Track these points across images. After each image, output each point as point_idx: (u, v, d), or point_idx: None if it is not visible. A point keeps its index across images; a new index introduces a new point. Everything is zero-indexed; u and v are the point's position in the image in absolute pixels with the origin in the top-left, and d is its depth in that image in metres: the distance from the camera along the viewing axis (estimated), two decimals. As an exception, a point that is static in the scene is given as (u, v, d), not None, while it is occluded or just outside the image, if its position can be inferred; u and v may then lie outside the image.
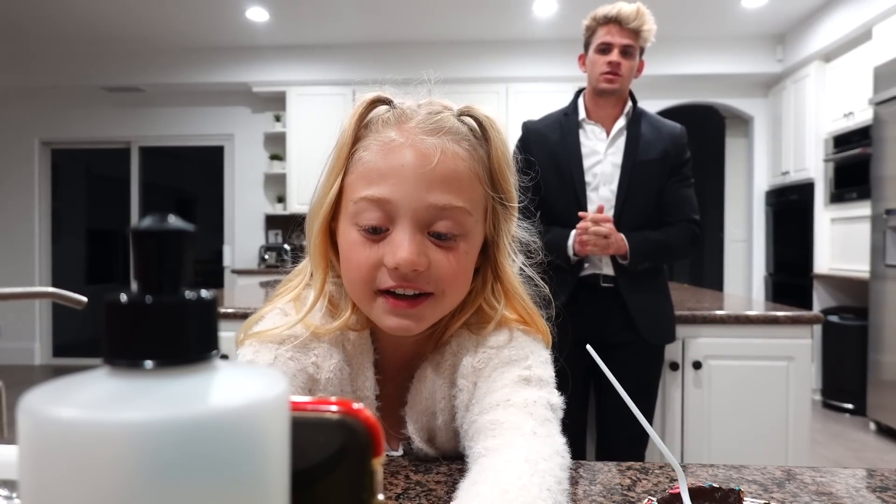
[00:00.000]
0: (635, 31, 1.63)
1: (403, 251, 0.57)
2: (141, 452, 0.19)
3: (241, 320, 1.93)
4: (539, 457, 0.51)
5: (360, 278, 0.60)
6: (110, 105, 5.41)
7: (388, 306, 0.60)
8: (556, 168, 1.70)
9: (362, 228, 0.59)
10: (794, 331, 1.86)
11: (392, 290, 0.59)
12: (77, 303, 0.77)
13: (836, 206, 4.16)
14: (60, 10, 4.29)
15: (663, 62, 4.74)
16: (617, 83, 1.64)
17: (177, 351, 0.22)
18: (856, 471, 0.66)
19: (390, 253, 0.58)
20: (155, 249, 0.23)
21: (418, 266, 0.57)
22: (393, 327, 0.60)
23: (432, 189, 0.58)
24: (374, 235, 0.59)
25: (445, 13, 4.33)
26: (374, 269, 0.59)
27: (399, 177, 0.57)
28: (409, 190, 0.57)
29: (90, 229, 6.07)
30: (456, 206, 0.58)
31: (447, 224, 0.59)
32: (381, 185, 0.58)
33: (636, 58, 1.67)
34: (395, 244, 0.57)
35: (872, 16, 3.65)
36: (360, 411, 0.29)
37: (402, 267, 0.57)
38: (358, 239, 0.59)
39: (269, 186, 5.32)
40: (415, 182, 0.57)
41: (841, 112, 4.06)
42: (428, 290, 0.60)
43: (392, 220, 0.58)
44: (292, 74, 4.97)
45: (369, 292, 0.60)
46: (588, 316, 1.68)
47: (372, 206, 0.58)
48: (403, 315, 0.60)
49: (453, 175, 0.59)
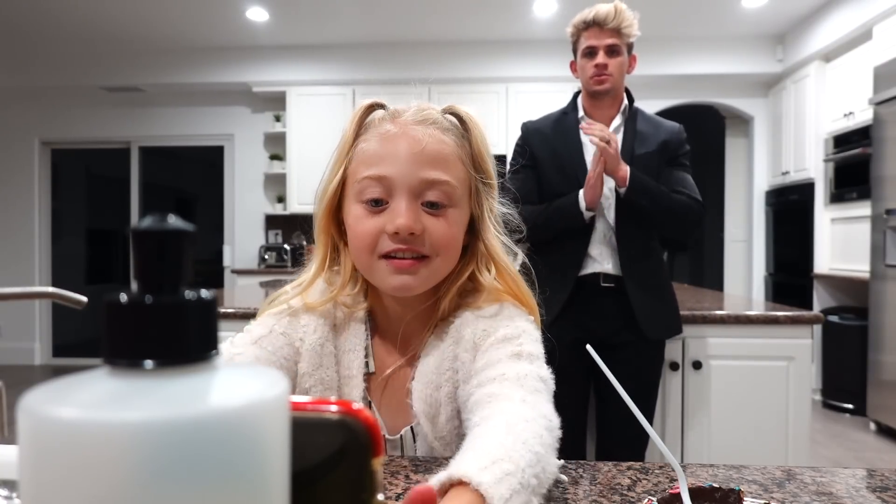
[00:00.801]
0: (616, 29, 1.64)
1: (401, 217, 0.66)
2: (141, 452, 0.19)
3: (241, 320, 1.93)
4: (522, 419, 0.55)
5: (365, 245, 0.69)
6: (110, 105, 5.41)
7: (390, 268, 0.68)
8: (559, 165, 1.71)
9: (365, 202, 0.69)
10: (794, 331, 1.86)
11: (392, 253, 0.68)
12: (77, 303, 0.77)
13: (836, 206, 4.16)
14: (60, 10, 4.29)
15: (663, 62, 4.74)
16: (608, 83, 1.65)
17: (177, 351, 0.22)
18: (856, 471, 0.66)
19: (390, 221, 0.67)
20: (155, 249, 0.23)
21: (414, 229, 0.67)
22: (395, 286, 0.69)
23: (423, 167, 0.68)
24: (376, 208, 0.69)
25: (445, 13, 4.33)
26: (376, 236, 0.68)
27: (395, 157, 0.68)
28: (404, 168, 0.68)
29: (90, 229, 6.07)
30: (443, 180, 0.69)
31: (437, 194, 0.69)
32: (380, 165, 0.68)
33: (624, 54, 1.67)
34: (395, 213, 0.67)
35: (872, 16, 3.65)
36: (360, 412, 0.29)
37: (401, 231, 0.66)
38: (362, 213, 0.69)
39: (269, 186, 5.32)
40: (408, 161, 0.68)
41: (841, 112, 4.06)
42: (424, 253, 0.69)
43: (390, 194, 0.68)
44: (292, 74, 4.97)
45: (373, 258, 0.69)
46: (588, 316, 1.68)
47: (373, 183, 0.68)
48: (404, 273, 0.68)
49: (440, 156, 0.69)
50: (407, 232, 0.66)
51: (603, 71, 1.64)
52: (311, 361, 0.72)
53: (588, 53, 1.67)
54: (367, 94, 4.89)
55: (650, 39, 4.70)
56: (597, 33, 1.64)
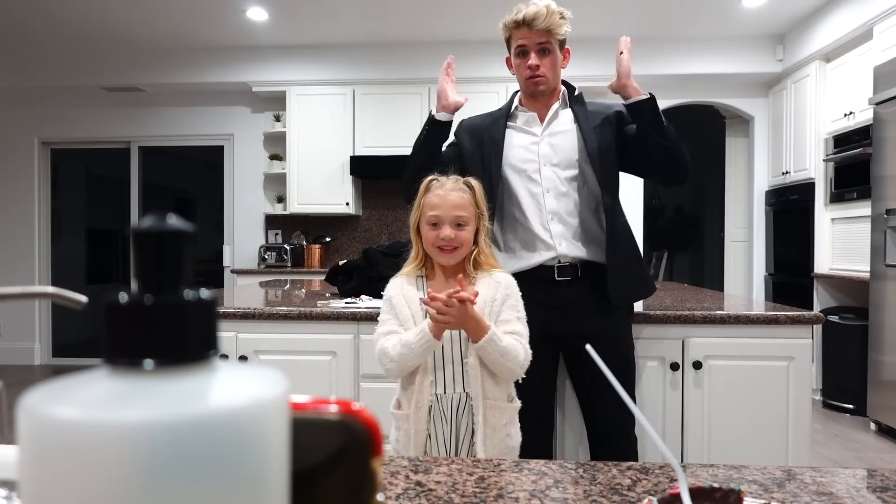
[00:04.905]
0: (547, 29, 1.64)
1: (446, 232, 1.36)
2: (141, 452, 0.19)
3: (241, 320, 1.94)
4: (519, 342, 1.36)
5: (431, 243, 1.38)
6: (110, 105, 5.41)
7: (442, 253, 1.38)
8: (480, 155, 1.74)
9: (430, 224, 1.38)
10: (794, 331, 1.85)
11: (442, 246, 1.37)
12: (77, 303, 0.77)
13: (837, 205, 4.16)
14: (61, 10, 4.29)
15: (663, 62, 4.74)
16: (542, 84, 1.69)
17: (176, 351, 0.22)
18: (856, 471, 0.66)
19: (442, 234, 1.37)
20: (155, 249, 0.23)
21: (451, 238, 1.37)
22: (444, 261, 1.40)
23: (455, 210, 1.37)
24: (435, 227, 1.38)
25: (445, 13, 4.33)
26: (436, 239, 1.37)
27: (443, 207, 1.38)
28: (447, 211, 1.37)
29: (90, 229, 6.06)
30: (464, 215, 1.38)
31: (462, 219, 1.38)
32: (436, 210, 1.38)
33: (556, 52, 1.69)
34: (444, 231, 1.37)
35: (872, 16, 3.65)
36: (360, 411, 0.29)
37: (446, 239, 1.37)
38: (429, 228, 1.38)
39: (269, 186, 5.32)
40: (449, 208, 1.37)
41: (841, 112, 4.06)
42: (455, 245, 1.37)
43: (441, 221, 1.37)
44: (292, 74, 4.97)
45: (434, 248, 1.39)
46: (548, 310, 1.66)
47: (434, 218, 1.38)
48: (448, 255, 1.38)
49: (463, 204, 1.39)
50: (448, 239, 1.37)
51: (536, 72, 1.67)
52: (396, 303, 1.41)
53: (520, 53, 1.70)
54: (367, 94, 4.92)
55: (650, 39, 4.70)
56: (527, 33, 1.66)
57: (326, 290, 2.67)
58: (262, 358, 1.96)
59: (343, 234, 5.28)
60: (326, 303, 2.09)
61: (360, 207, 5.24)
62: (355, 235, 5.28)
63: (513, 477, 0.65)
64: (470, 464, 0.68)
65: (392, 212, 5.24)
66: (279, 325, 1.95)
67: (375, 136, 4.87)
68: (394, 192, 5.20)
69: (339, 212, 4.96)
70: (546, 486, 0.62)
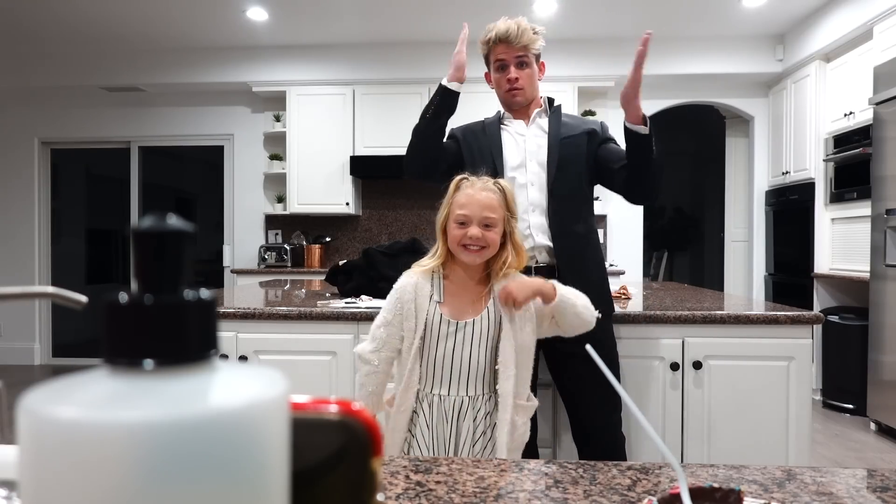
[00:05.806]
0: (524, 45, 1.76)
1: (474, 231, 1.36)
2: (141, 452, 0.19)
3: (241, 320, 1.94)
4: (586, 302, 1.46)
5: (457, 241, 1.38)
6: (110, 105, 5.41)
7: (468, 252, 1.38)
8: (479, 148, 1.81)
9: (458, 223, 1.38)
10: (794, 331, 1.86)
11: (469, 245, 1.37)
12: (77, 303, 0.77)
13: (837, 205, 4.16)
14: (61, 10, 4.29)
15: (663, 62, 4.74)
16: (521, 96, 1.80)
17: (176, 351, 0.22)
18: (856, 471, 0.66)
19: (469, 232, 1.37)
20: (155, 249, 0.23)
21: (479, 237, 1.37)
22: (469, 260, 1.39)
23: (484, 210, 1.37)
24: (462, 226, 1.38)
25: (445, 13, 4.33)
26: (462, 237, 1.37)
27: (472, 206, 1.37)
28: (476, 210, 1.37)
29: (90, 229, 6.06)
30: (493, 216, 1.38)
31: (489, 220, 1.38)
32: (465, 209, 1.38)
33: (533, 65, 1.80)
34: (471, 229, 1.37)
35: (872, 16, 3.65)
36: (360, 412, 0.29)
37: (473, 238, 1.37)
38: (457, 227, 1.38)
39: (269, 186, 5.32)
40: (478, 207, 1.37)
41: (841, 112, 4.06)
42: (482, 245, 1.37)
43: (470, 220, 1.37)
44: (292, 74, 4.97)
45: (461, 247, 1.38)
46: None
47: (462, 217, 1.37)
48: (474, 254, 1.38)
49: (491, 205, 1.38)
50: (475, 238, 1.37)
51: (514, 84, 1.78)
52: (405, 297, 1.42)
53: (499, 67, 1.81)
54: (367, 93, 4.91)
55: (650, 39, 4.69)
56: (506, 48, 1.78)
57: (326, 290, 2.67)
58: (262, 358, 1.96)
59: (343, 234, 5.28)
60: (326, 303, 2.09)
61: (360, 207, 5.23)
62: (355, 235, 5.28)
63: (513, 477, 0.65)
64: (470, 464, 0.68)
65: (392, 212, 5.24)
66: (279, 325, 1.95)
67: (375, 136, 4.87)
68: (394, 192, 5.20)
69: (339, 212, 4.96)
70: (546, 486, 0.62)
